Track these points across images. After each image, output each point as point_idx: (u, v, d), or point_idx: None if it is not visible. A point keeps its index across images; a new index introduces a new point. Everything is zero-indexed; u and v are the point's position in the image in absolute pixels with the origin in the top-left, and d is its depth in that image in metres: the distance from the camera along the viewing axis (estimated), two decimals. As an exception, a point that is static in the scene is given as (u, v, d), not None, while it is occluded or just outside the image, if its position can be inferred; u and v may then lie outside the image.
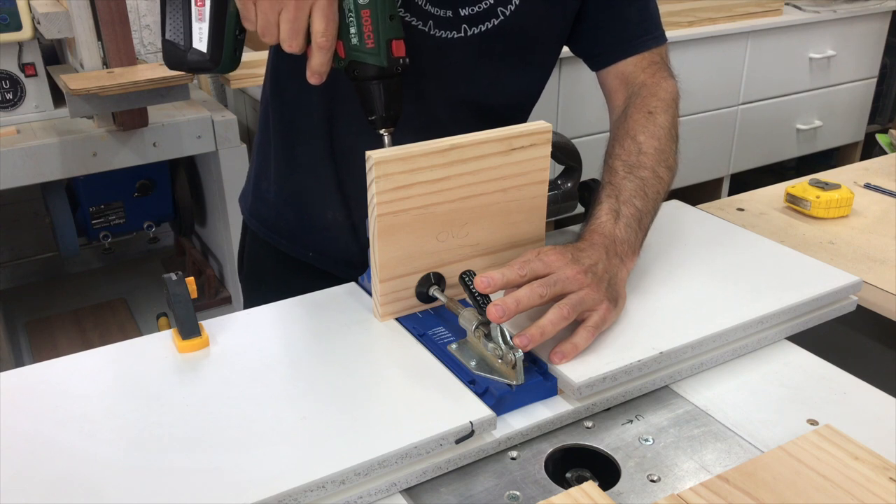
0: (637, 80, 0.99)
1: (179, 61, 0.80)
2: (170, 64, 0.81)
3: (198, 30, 0.78)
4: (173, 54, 0.80)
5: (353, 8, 0.77)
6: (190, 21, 0.78)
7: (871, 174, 1.37)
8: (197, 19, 0.78)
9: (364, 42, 0.79)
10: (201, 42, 0.78)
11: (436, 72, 0.95)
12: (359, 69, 0.80)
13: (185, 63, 0.80)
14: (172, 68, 0.81)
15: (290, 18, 0.75)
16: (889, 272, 1.04)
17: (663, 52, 1.02)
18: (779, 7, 2.78)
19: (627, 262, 0.83)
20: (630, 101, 0.97)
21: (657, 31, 1.01)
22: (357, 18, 0.78)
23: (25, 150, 1.80)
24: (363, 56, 0.79)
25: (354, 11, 0.77)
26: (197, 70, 0.81)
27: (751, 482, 0.59)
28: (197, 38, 0.78)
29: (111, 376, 0.75)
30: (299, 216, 1.07)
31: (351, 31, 0.78)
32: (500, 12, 0.93)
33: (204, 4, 0.77)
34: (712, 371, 0.80)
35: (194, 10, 0.78)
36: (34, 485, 0.60)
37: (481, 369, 0.73)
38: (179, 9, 0.78)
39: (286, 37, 0.77)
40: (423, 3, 0.90)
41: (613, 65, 1.01)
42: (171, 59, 0.81)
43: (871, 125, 3.26)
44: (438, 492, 0.66)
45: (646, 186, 0.88)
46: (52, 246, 2.30)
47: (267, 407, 0.69)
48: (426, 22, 0.91)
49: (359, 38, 0.78)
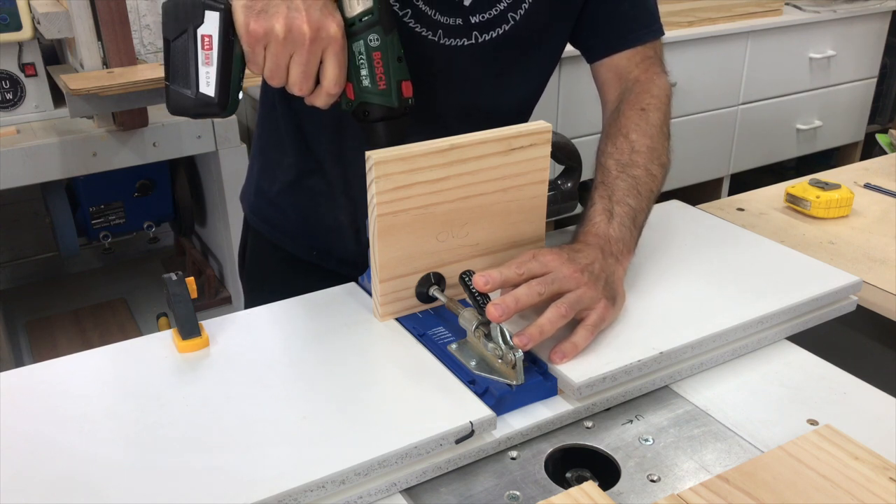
0: (630, 75, 0.99)
1: (185, 107, 0.77)
2: (174, 110, 0.78)
3: (205, 74, 0.75)
4: (179, 100, 0.77)
5: (364, 50, 0.77)
6: (197, 65, 0.75)
7: (871, 174, 1.37)
8: (204, 63, 0.75)
9: (376, 84, 0.78)
10: (209, 87, 0.75)
11: (445, 80, 0.95)
12: (369, 111, 0.79)
13: (192, 108, 0.77)
14: (177, 114, 0.78)
15: (301, 62, 0.74)
16: (889, 272, 1.04)
17: (658, 47, 1.02)
18: (779, 7, 2.78)
19: (623, 260, 0.84)
20: (623, 97, 0.98)
21: (654, 25, 1.01)
22: (368, 61, 0.77)
23: (25, 150, 1.80)
24: (374, 98, 0.79)
25: (366, 54, 0.77)
26: (203, 115, 0.78)
27: (751, 482, 0.59)
28: (204, 83, 0.75)
29: (111, 376, 0.75)
30: (304, 216, 1.07)
31: (362, 73, 0.78)
32: (511, 17, 0.93)
33: (212, 48, 0.74)
34: (712, 371, 0.80)
35: (201, 55, 0.74)
36: (34, 485, 0.60)
37: (481, 369, 0.73)
38: (185, 53, 0.75)
39: (296, 81, 0.75)
40: (432, 13, 0.90)
41: (608, 57, 1.01)
42: (177, 104, 0.77)
43: (871, 125, 3.26)
44: (438, 492, 0.66)
45: (639, 185, 0.88)
46: (52, 246, 2.30)
47: (267, 407, 0.69)
48: (435, 32, 0.91)
49: (370, 80, 0.78)
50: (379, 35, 0.77)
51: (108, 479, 0.61)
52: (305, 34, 0.72)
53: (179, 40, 0.74)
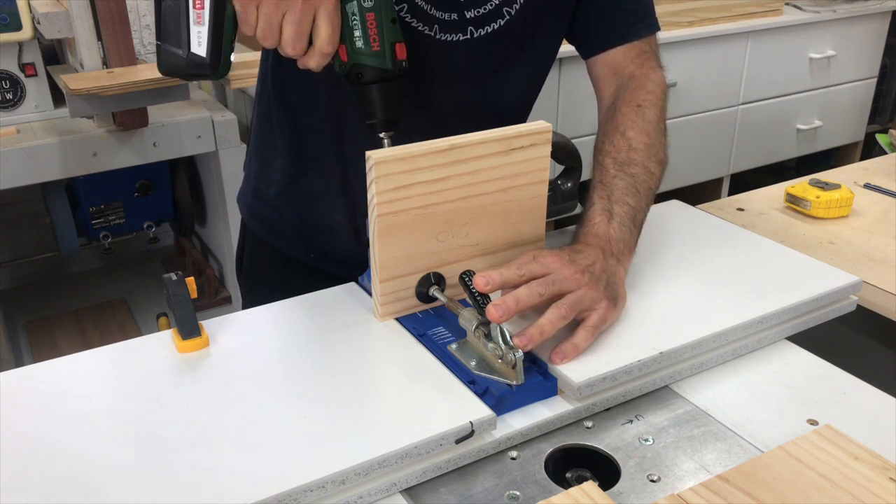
0: (626, 70, 0.99)
1: (177, 67, 0.76)
2: (166, 70, 0.77)
3: (196, 34, 0.75)
4: (170, 60, 0.76)
5: (357, 11, 0.77)
6: (188, 24, 0.75)
7: (871, 174, 1.37)
8: (195, 23, 0.74)
9: (369, 45, 0.78)
10: (200, 46, 0.75)
11: (442, 75, 0.95)
12: (362, 72, 0.79)
13: (184, 69, 0.76)
14: (168, 74, 0.78)
15: (294, 21, 0.74)
16: (889, 272, 1.04)
17: (653, 42, 1.02)
18: (779, 7, 2.78)
19: (624, 260, 0.84)
20: (619, 93, 0.97)
21: (649, 20, 1.01)
22: (362, 22, 0.77)
23: (25, 150, 1.80)
24: (368, 59, 0.78)
25: (359, 14, 0.77)
26: (194, 76, 0.78)
27: (751, 482, 0.59)
28: (196, 43, 0.75)
29: (111, 376, 0.75)
30: (302, 217, 1.07)
31: (355, 34, 0.77)
32: (506, 12, 0.93)
33: (203, 7, 0.74)
34: (712, 371, 0.80)
35: (192, 13, 0.74)
36: (34, 485, 0.60)
37: (481, 369, 0.73)
38: (177, 11, 0.74)
39: (289, 40, 0.75)
40: (428, 8, 0.90)
41: (603, 53, 1.00)
42: (168, 64, 0.77)
43: (871, 125, 3.26)
44: (438, 492, 0.66)
45: (637, 183, 0.88)
46: (52, 246, 2.30)
47: (267, 407, 0.69)
48: (431, 26, 0.91)
49: (364, 42, 0.78)
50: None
51: (108, 479, 0.61)
52: None
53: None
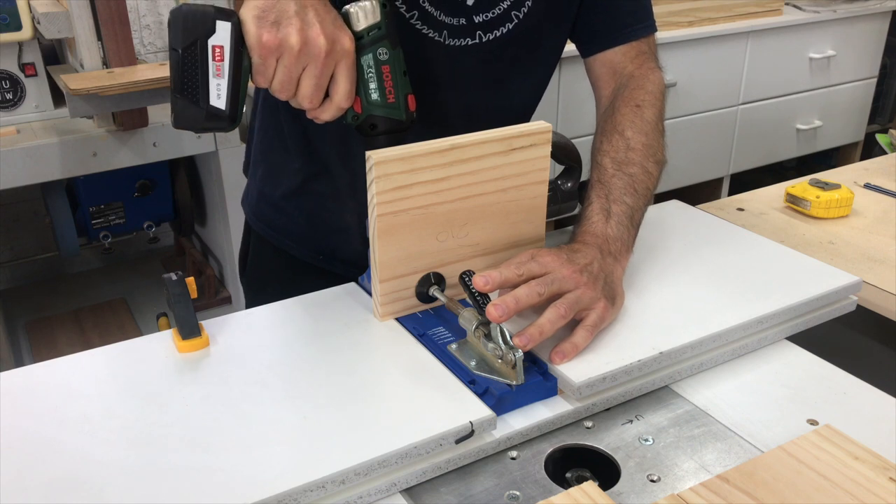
0: (625, 70, 1.00)
1: (195, 120, 0.74)
2: (182, 123, 0.74)
3: (215, 86, 0.72)
4: (187, 113, 0.73)
5: (373, 64, 0.77)
6: (207, 77, 0.72)
7: (871, 174, 1.38)
8: (214, 75, 0.72)
9: (385, 97, 0.78)
10: (219, 100, 0.73)
11: (450, 80, 0.95)
12: (376, 123, 0.79)
13: (202, 122, 0.74)
14: (184, 128, 0.75)
15: (314, 75, 0.73)
16: (889, 272, 1.04)
17: (651, 42, 1.02)
18: (779, 7, 2.78)
19: (622, 259, 0.84)
20: (617, 93, 0.98)
21: (648, 21, 1.01)
22: (377, 74, 0.77)
23: (25, 150, 1.80)
24: (383, 111, 0.79)
25: (375, 67, 0.77)
26: (210, 129, 0.76)
27: (751, 482, 0.59)
28: (214, 96, 0.73)
29: (111, 376, 0.75)
30: (310, 219, 1.07)
31: (370, 86, 0.78)
32: (514, 16, 0.93)
33: (223, 59, 0.72)
34: (712, 371, 0.80)
35: (212, 66, 0.72)
36: (34, 485, 0.60)
37: (481, 369, 0.73)
38: (194, 64, 0.72)
39: (306, 95, 0.74)
40: (437, 14, 0.90)
41: (602, 52, 1.01)
42: (185, 119, 0.74)
43: (871, 125, 3.26)
44: (438, 492, 0.66)
45: (635, 183, 0.88)
46: (52, 246, 2.30)
47: (267, 407, 0.69)
48: (440, 32, 0.91)
49: (379, 94, 0.78)
50: (387, 49, 0.77)
51: (108, 479, 0.61)
52: (322, 47, 0.71)
53: (189, 51, 0.72)
